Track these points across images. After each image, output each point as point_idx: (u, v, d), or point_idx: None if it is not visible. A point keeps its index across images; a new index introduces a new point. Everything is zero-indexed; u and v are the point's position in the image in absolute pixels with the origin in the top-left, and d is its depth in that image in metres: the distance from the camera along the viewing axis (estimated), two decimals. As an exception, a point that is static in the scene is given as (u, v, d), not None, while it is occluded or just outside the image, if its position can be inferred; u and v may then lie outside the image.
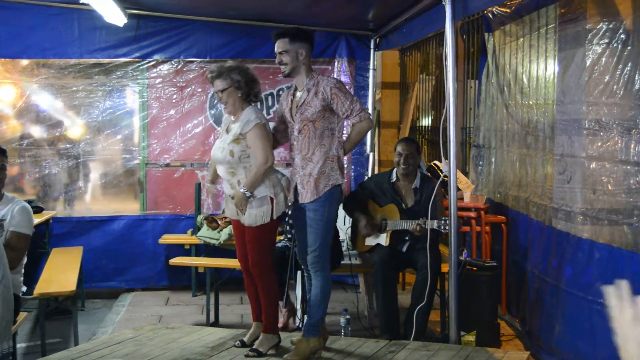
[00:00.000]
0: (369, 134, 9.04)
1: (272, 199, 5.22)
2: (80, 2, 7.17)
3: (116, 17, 7.92)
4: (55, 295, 6.94)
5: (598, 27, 5.32)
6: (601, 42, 5.28)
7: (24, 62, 8.71)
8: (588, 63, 5.37)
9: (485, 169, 7.90)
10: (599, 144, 5.28)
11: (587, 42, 5.39)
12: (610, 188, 5.17)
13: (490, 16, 7.52)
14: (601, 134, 5.27)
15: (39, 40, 8.54)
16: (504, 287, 6.97)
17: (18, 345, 6.12)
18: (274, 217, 5.26)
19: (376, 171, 8.91)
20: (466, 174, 8.40)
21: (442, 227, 5.81)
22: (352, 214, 7.05)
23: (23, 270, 5.70)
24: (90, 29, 8.58)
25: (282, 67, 5.37)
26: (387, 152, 10.36)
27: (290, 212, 6.06)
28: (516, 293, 6.83)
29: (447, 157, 5.85)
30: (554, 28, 6.07)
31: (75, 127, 8.96)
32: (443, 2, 5.73)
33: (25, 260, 5.71)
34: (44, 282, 6.70)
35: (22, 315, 5.77)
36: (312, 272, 5.39)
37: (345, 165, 9.16)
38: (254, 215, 5.22)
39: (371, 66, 9.08)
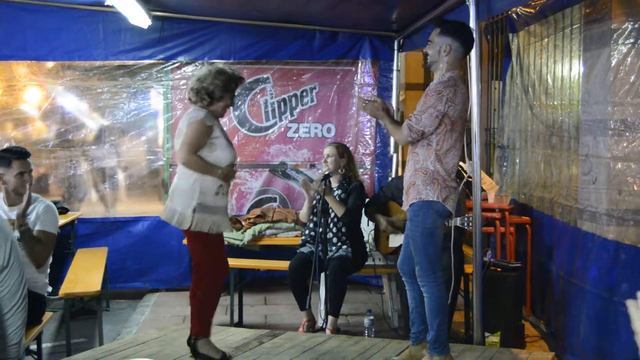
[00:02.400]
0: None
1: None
2: (106, 3, 7.19)
3: (141, 19, 7.96)
4: (81, 296, 6.97)
5: (623, 27, 5.29)
6: (627, 42, 5.25)
7: (50, 64, 8.77)
8: (613, 63, 5.34)
9: (509, 170, 7.87)
10: (625, 144, 5.24)
11: (612, 42, 5.36)
12: (636, 189, 5.14)
13: (515, 17, 7.49)
14: (627, 134, 5.24)
15: (64, 42, 8.60)
16: (528, 288, 6.94)
17: (43, 345, 6.16)
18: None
19: (399, 172, 8.87)
20: (490, 175, 8.37)
21: (466, 224, 5.75)
22: (372, 217, 7.05)
23: (48, 271, 5.73)
24: (114, 31, 8.63)
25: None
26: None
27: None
28: (541, 294, 6.79)
29: (471, 157, 5.83)
30: (579, 28, 6.04)
31: (100, 129, 9.00)
32: (467, 3, 5.71)
33: (50, 260, 5.75)
34: (69, 283, 6.74)
35: (48, 315, 5.79)
36: (420, 285, 5.09)
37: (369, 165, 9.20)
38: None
39: (395, 67, 9.07)
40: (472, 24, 5.58)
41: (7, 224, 4.61)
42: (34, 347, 5.76)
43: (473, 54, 5.57)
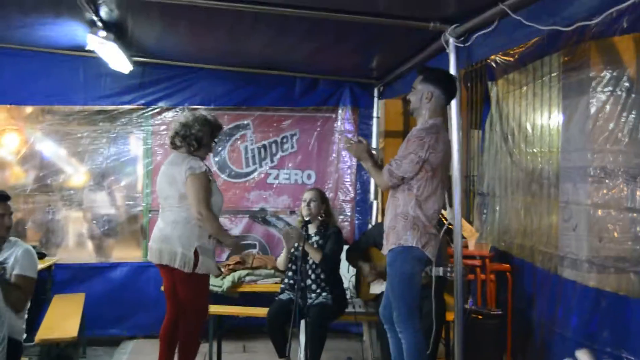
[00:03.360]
0: (372, 182, 9.04)
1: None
2: (86, 48, 7.20)
3: (122, 64, 7.96)
4: (57, 342, 6.88)
5: (602, 74, 5.35)
6: (605, 89, 5.31)
7: (29, 108, 8.74)
8: (592, 111, 5.39)
9: (489, 217, 7.88)
10: (605, 191, 5.27)
11: (591, 89, 5.42)
12: (616, 236, 5.16)
13: (494, 65, 7.56)
14: (606, 181, 5.27)
15: (44, 87, 8.57)
16: (509, 336, 6.90)
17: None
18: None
19: (379, 219, 8.86)
20: (470, 222, 8.37)
21: (448, 274, 5.74)
22: (354, 264, 7.02)
23: (26, 316, 5.65)
24: (95, 75, 8.62)
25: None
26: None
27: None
28: (522, 342, 6.76)
29: (451, 205, 5.83)
30: (558, 76, 6.10)
31: (79, 174, 8.96)
32: (447, 51, 5.77)
33: (28, 305, 5.67)
34: (45, 329, 6.64)
35: (23, 360, 5.71)
36: (397, 331, 5.10)
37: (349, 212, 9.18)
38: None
39: (375, 114, 9.12)
40: (452, 71, 5.63)
41: None
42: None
43: (453, 101, 5.61)
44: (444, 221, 6.57)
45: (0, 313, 4.41)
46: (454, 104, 5.64)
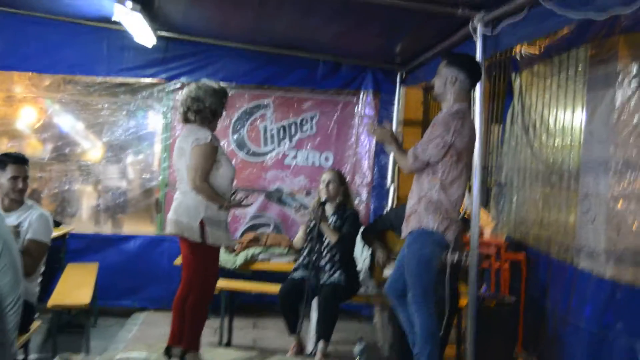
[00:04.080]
0: (390, 167, 9.05)
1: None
2: (112, 19, 7.22)
3: (146, 38, 8.00)
4: (69, 308, 6.94)
5: (629, 69, 5.33)
6: (632, 83, 5.30)
7: (51, 77, 8.77)
8: (618, 104, 5.38)
9: (506, 207, 7.88)
10: (625, 184, 5.26)
11: (617, 83, 5.40)
12: (634, 229, 5.15)
13: (518, 57, 7.54)
14: (628, 174, 5.26)
15: (67, 56, 8.64)
16: (521, 324, 6.91)
17: (29, 357, 6.10)
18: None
19: (396, 204, 8.88)
20: (487, 212, 8.37)
21: (463, 261, 5.75)
22: (370, 244, 7.05)
23: (40, 279, 5.69)
24: (118, 48, 8.67)
25: None
26: (405, 188, 10.31)
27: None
28: (533, 331, 6.77)
29: (470, 192, 5.84)
30: (584, 69, 6.09)
31: (96, 145, 9.00)
32: (474, 39, 5.76)
33: (42, 268, 5.70)
34: (58, 295, 6.71)
35: (36, 324, 5.74)
36: (411, 312, 5.13)
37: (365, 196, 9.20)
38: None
39: (396, 100, 9.13)
40: (478, 59, 5.62)
41: (5, 227, 4.57)
42: (21, 356, 5.70)
43: (477, 91, 5.61)
44: (461, 211, 6.59)
45: (17, 272, 4.42)
46: (478, 93, 5.65)
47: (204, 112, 5.30)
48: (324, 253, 6.82)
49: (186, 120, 5.40)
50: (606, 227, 5.42)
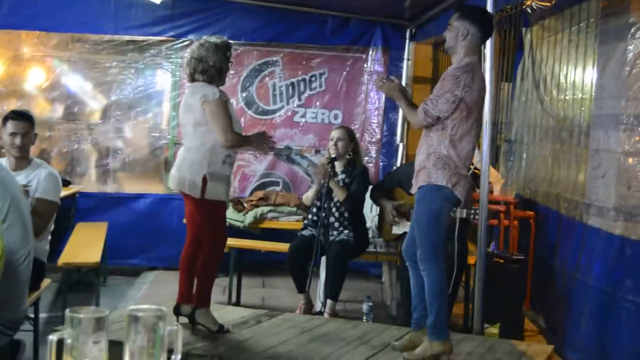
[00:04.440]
0: (399, 124, 8.99)
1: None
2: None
3: (153, -6, 7.95)
4: (79, 267, 6.95)
5: (641, 21, 5.23)
6: (644, 36, 5.19)
7: (59, 36, 8.72)
8: (630, 57, 5.27)
9: (515, 165, 7.82)
10: (637, 139, 5.18)
11: (629, 36, 5.29)
12: (645, 184, 5.09)
13: (529, 11, 7.43)
14: (639, 129, 5.18)
15: (74, 14, 8.59)
16: (529, 283, 6.88)
17: (40, 315, 6.11)
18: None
19: (405, 162, 8.83)
20: (496, 169, 8.32)
21: (472, 217, 5.71)
22: (378, 202, 7.01)
23: (50, 237, 5.67)
24: (126, 5, 8.63)
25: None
26: (415, 145, 10.23)
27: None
28: (541, 289, 6.75)
29: (480, 148, 5.78)
30: (595, 22, 5.98)
31: (106, 104, 8.96)
32: (484, -11, 5.68)
33: (52, 227, 5.68)
34: (68, 254, 6.71)
35: (46, 282, 5.74)
36: (420, 269, 5.04)
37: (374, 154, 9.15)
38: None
39: (405, 56, 9.04)
40: (490, 11, 5.53)
41: (14, 183, 4.54)
42: (31, 315, 5.70)
43: (488, 43, 5.53)
44: (470, 166, 6.53)
45: (26, 228, 4.41)
46: (488, 49, 5.56)
47: (210, 71, 5.24)
48: (333, 210, 6.79)
49: (193, 80, 5.34)
50: (616, 182, 5.34)
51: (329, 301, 6.43)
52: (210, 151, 5.11)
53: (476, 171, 5.94)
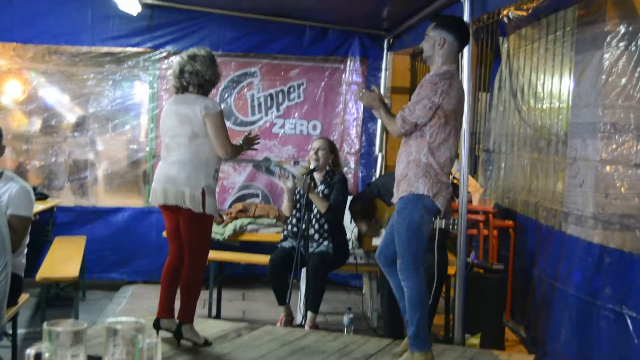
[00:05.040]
0: (378, 135, 8.99)
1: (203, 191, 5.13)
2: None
3: (130, 5, 7.91)
4: (57, 281, 6.89)
5: (617, 29, 5.25)
6: (620, 44, 5.22)
7: (35, 48, 8.65)
8: (606, 66, 5.30)
9: (494, 174, 7.84)
10: (614, 147, 5.21)
11: (605, 44, 5.32)
12: (623, 192, 5.10)
13: (506, 20, 7.47)
14: (616, 137, 5.20)
15: (51, 26, 8.53)
16: (509, 292, 6.89)
17: (18, 331, 6.05)
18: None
19: (383, 173, 8.83)
20: (475, 179, 8.34)
21: (451, 227, 5.69)
22: (354, 218, 7.00)
23: (25, 250, 5.60)
24: (103, 16, 8.57)
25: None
26: (393, 155, 10.24)
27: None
28: (521, 299, 6.76)
29: (458, 158, 5.78)
30: (571, 31, 6.01)
31: (83, 116, 8.91)
32: (461, 0, 5.69)
33: (27, 240, 5.60)
34: (46, 269, 6.65)
35: (24, 297, 5.68)
36: (400, 279, 5.05)
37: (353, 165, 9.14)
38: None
39: (383, 66, 9.03)
40: (467, 21, 5.54)
41: None
42: (9, 330, 5.64)
43: (466, 52, 5.55)
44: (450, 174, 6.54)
45: (2, 239, 4.34)
46: (465, 59, 5.58)
47: (206, 85, 5.24)
48: (313, 222, 6.77)
49: (184, 90, 5.30)
50: (594, 191, 5.36)
51: (309, 313, 6.40)
52: (206, 164, 5.12)
53: (455, 181, 5.95)
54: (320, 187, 6.84)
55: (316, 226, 6.77)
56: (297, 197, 6.86)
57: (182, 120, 5.15)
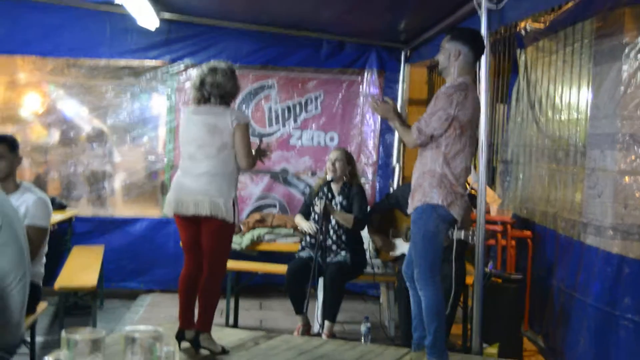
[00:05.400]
0: (395, 146, 9.01)
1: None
2: (115, 2, 7.19)
3: (149, 20, 7.96)
4: (76, 290, 6.92)
5: (635, 41, 5.26)
6: (638, 56, 5.23)
7: (54, 61, 8.74)
8: (624, 77, 5.31)
9: (512, 185, 7.83)
10: (632, 157, 5.21)
11: (623, 56, 5.34)
12: (642, 202, 5.11)
13: (523, 32, 7.48)
14: (635, 148, 5.21)
15: (69, 39, 8.62)
16: (527, 303, 6.88)
17: (36, 339, 6.08)
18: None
19: (401, 184, 8.84)
20: (492, 190, 8.33)
21: (470, 239, 5.68)
22: (370, 230, 7.01)
23: (44, 260, 5.64)
24: (121, 30, 8.65)
25: None
26: (410, 167, 10.24)
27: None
28: (540, 309, 6.74)
29: (476, 168, 5.80)
30: (589, 43, 6.02)
31: (102, 128, 8.98)
32: (478, 14, 5.70)
33: (46, 250, 5.64)
34: (64, 278, 6.71)
35: (42, 305, 5.71)
36: (418, 289, 5.09)
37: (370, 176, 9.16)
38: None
39: (400, 79, 9.07)
40: (483, 34, 5.56)
41: (9, 205, 4.50)
42: (27, 338, 5.68)
43: (483, 64, 5.56)
44: (467, 186, 6.54)
45: (20, 249, 4.36)
46: (483, 70, 5.60)
47: (226, 97, 5.28)
48: (331, 233, 6.80)
49: (205, 102, 5.33)
50: (613, 201, 5.36)
51: (326, 322, 6.42)
52: (233, 175, 5.18)
53: (473, 191, 5.96)
54: (339, 199, 6.88)
55: (334, 237, 6.80)
56: (314, 214, 6.90)
57: (211, 131, 5.15)
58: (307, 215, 7.06)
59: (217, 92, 5.24)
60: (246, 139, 5.17)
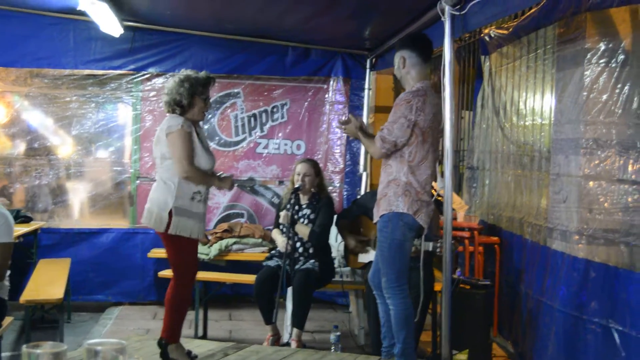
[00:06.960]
0: (362, 154, 9.00)
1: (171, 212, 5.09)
2: (78, 8, 7.12)
3: (112, 27, 7.88)
4: (42, 303, 6.84)
5: (597, 46, 5.30)
6: (600, 61, 5.27)
7: (18, 71, 8.63)
8: (587, 82, 5.35)
9: (478, 191, 7.87)
10: (596, 162, 5.25)
11: (585, 61, 5.38)
12: (606, 207, 5.14)
13: (487, 39, 7.52)
14: (598, 153, 5.25)
15: (33, 49, 8.50)
16: (495, 309, 6.91)
17: (2, 354, 6.01)
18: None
19: (368, 191, 8.84)
20: (459, 196, 8.36)
21: (437, 250, 5.68)
22: (342, 234, 7.00)
23: (9, 272, 5.55)
24: (85, 39, 8.55)
25: None
26: (378, 175, 10.25)
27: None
28: (508, 314, 6.77)
29: (442, 175, 5.80)
30: (552, 48, 6.07)
31: (66, 138, 8.90)
32: (442, 19, 5.71)
33: (9, 264, 5.55)
34: (30, 291, 6.62)
35: (8, 320, 5.65)
36: (385, 297, 5.11)
37: (338, 183, 9.16)
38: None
39: (366, 86, 9.07)
40: (447, 39, 5.56)
41: None
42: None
43: (447, 67, 5.56)
44: (433, 192, 6.54)
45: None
46: (447, 77, 5.60)
47: (170, 104, 5.23)
48: (298, 245, 6.79)
49: (167, 111, 5.32)
50: (578, 206, 5.40)
51: (295, 330, 6.40)
52: (177, 185, 5.06)
53: (439, 198, 5.96)
54: (306, 211, 6.87)
55: (301, 249, 6.79)
56: (281, 225, 6.89)
57: (156, 143, 5.18)
58: None
59: (166, 99, 5.23)
60: (174, 145, 5.02)
